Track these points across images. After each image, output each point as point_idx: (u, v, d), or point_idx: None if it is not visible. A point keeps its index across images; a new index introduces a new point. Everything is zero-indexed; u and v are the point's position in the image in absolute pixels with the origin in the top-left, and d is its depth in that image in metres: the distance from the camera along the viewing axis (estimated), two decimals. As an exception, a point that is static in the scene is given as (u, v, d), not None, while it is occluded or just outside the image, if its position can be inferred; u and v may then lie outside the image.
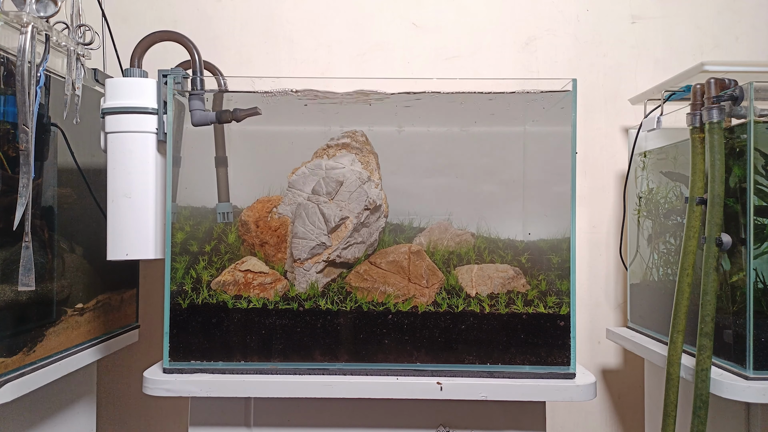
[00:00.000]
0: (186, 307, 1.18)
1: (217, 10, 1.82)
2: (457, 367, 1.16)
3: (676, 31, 1.82)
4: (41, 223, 1.24)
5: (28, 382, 1.13)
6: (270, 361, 1.17)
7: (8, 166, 1.12)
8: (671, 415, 1.23)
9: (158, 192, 1.19)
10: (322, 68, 1.82)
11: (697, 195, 1.21)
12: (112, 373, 1.81)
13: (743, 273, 1.16)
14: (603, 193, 1.82)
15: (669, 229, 1.48)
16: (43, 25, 1.12)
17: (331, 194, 1.28)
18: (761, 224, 1.18)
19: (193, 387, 1.13)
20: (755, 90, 1.14)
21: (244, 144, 1.46)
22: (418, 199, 1.52)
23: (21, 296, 1.15)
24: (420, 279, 1.23)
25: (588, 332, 1.81)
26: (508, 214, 1.52)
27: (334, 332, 1.17)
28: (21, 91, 1.05)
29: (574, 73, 1.80)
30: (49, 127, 1.25)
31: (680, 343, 1.23)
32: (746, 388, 1.11)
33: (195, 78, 1.24)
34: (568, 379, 1.15)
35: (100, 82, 1.41)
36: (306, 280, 1.23)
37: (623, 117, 1.81)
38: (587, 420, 1.82)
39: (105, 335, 1.45)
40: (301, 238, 1.24)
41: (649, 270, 1.58)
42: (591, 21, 1.82)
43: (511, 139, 1.51)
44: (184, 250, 1.29)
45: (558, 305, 1.19)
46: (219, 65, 1.41)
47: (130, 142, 1.17)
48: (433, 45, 1.82)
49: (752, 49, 1.81)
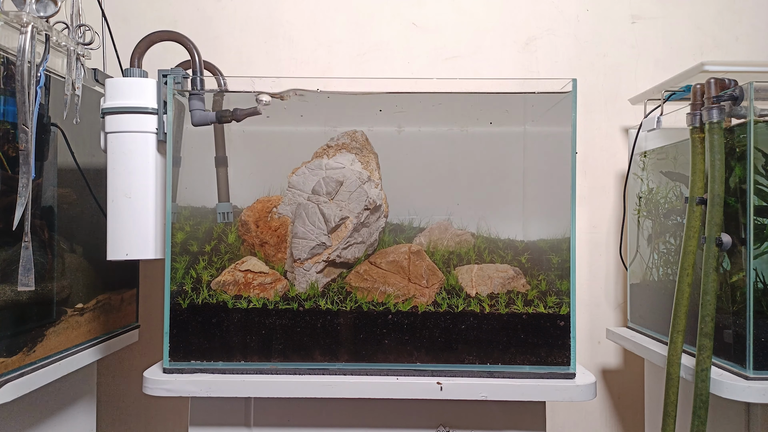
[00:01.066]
0: (186, 307, 1.18)
1: (217, 10, 1.82)
2: (457, 367, 1.16)
3: (676, 31, 1.82)
4: (41, 223, 1.24)
5: (28, 382, 1.13)
6: (270, 361, 1.17)
7: (8, 166, 1.12)
8: (671, 415, 1.23)
9: (158, 192, 1.19)
10: (322, 68, 1.82)
11: (697, 195, 1.21)
12: (112, 373, 1.81)
13: (743, 273, 1.16)
14: (603, 193, 1.82)
15: (669, 229, 1.48)
16: (43, 25, 1.12)
17: (331, 194, 1.28)
18: (761, 224, 1.18)
19: (193, 387, 1.13)
20: (755, 90, 1.14)
21: (244, 144, 1.46)
22: (418, 199, 1.52)
23: (21, 296, 1.15)
24: (420, 279, 1.23)
25: (588, 332, 1.81)
26: (508, 214, 1.52)
27: (334, 332, 1.17)
28: (21, 91, 1.05)
29: (574, 73, 1.80)
30: (49, 127, 1.25)
31: (680, 343, 1.23)
32: (746, 388, 1.11)
33: (195, 78, 1.24)
34: (568, 379, 1.15)
35: (100, 82, 1.41)
36: (306, 280, 1.23)
37: (623, 117, 1.81)
38: (587, 420, 1.82)
39: (105, 335, 1.45)
40: (301, 238, 1.24)
41: (649, 270, 1.58)
42: (591, 21, 1.82)
43: (511, 139, 1.51)
44: (184, 250, 1.29)
45: (558, 305, 1.19)
46: (219, 65, 1.41)
47: (130, 142, 1.17)
48: (433, 45, 1.82)
49: (752, 49, 1.81)
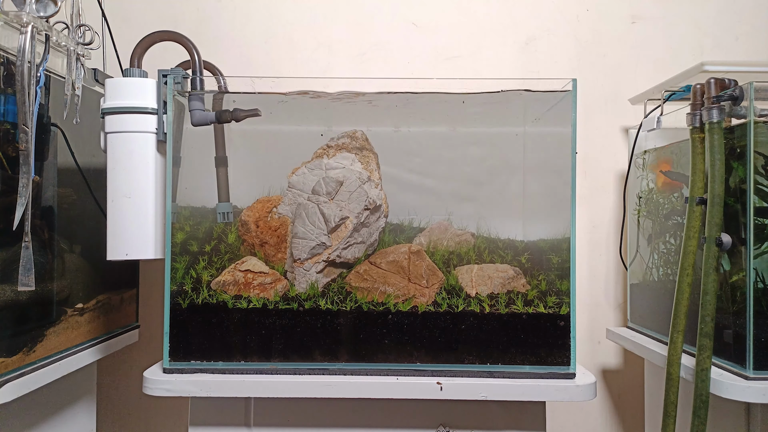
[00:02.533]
0: (186, 307, 1.18)
1: (217, 10, 1.82)
2: (457, 367, 1.16)
3: (676, 31, 1.82)
4: (41, 223, 1.24)
5: (28, 382, 1.13)
6: (270, 361, 1.17)
7: (8, 166, 1.12)
8: (671, 415, 1.23)
9: (158, 192, 1.19)
10: (322, 68, 1.82)
11: (697, 195, 1.21)
12: (112, 373, 1.81)
13: (743, 273, 1.16)
14: (603, 193, 1.82)
15: (669, 229, 1.48)
16: (43, 25, 1.12)
17: (331, 194, 1.28)
18: (761, 224, 1.18)
19: (193, 387, 1.13)
20: (755, 90, 1.14)
21: (244, 144, 1.46)
22: (418, 199, 1.52)
23: (21, 296, 1.15)
24: (420, 279, 1.23)
25: (588, 332, 1.81)
26: (508, 214, 1.51)
27: (334, 332, 1.17)
28: (21, 91, 1.05)
29: (574, 73, 1.80)
30: (49, 127, 1.25)
31: (680, 343, 1.23)
32: (746, 388, 1.11)
33: (195, 78, 1.24)
34: (568, 379, 1.15)
35: (100, 82, 1.41)
36: (306, 280, 1.23)
37: (623, 117, 1.81)
38: (587, 420, 1.82)
39: (105, 335, 1.45)
40: (301, 238, 1.24)
41: (649, 270, 1.58)
42: (591, 21, 1.82)
43: (511, 139, 1.51)
44: (184, 250, 1.29)
45: (558, 305, 1.19)
46: (219, 65, 1.41)
47: (130, 142, 1.17)
48: (433, 45, 1.82)
49: (752, 49, 1.81)
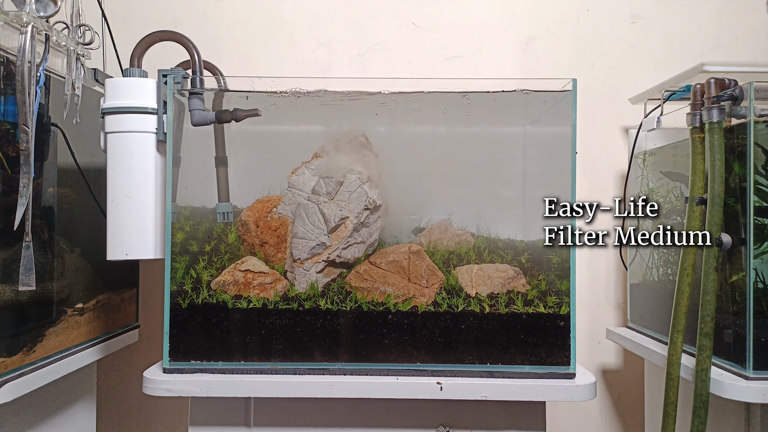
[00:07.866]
0: (186, 307, 1.18)
1: (218, 10, 1.82)
2: (457, 367, 1.16)
3: (676, 31, 1.82)
4: (41, 223, 1.24)
5: (28, 382, 1.13)
6: (270, 361, 1.17)
7: (8, 166, 1.12)
8: (671, 415, 1.23)
9: (158, 192, 1.19)
10: (322, 68, 1.82)
11: (697, 195, 1.21)
12: (112, 373, 1.81)
13: (743, 273, 1.16)
14: (603, 193, 1.81)
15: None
16: (43, 25, 1.12)
17: (331, 194, 1.28)
18: (761, 224, 1.18)
19: (193, 387, 1.13)
20: (755, 90, 1.14)
21: (244, 144, 1.46)
22: (418, 199, 1.52)
23: (21, 296, 1.15)
24: (420, 279, 1.23)
25: (588, 332, 1.81)
26: (508, 214, 1.51)
27: (334, 332, 1.17)
28: (21, 91, 1.05)
29: (574, 73, 1.79)
30: (49, 127, 1.25)
31: (680, 343, 1.23)
32: (746, 388, 1.11)
33: (195, 78, 1.24)
34: (568, 379, 1.15)
35: (100, 82, 1.41)
36: (306, 280, 1.23)
37: (623, 117, 1.81)
38: (587, 420, 1.82)
39: (105, 335, 1.45)
40: (301, 238, 1.24)
41: (649, 270, 1.58)
42: (591, 21, 1.82)
43: (511, 139, 1.51)
44: (184, 250, 1.29)
45: (558, 305, 1.19)
46: (219, 65, 1.41)
47: (130, 142, 1.17)
48: (433, 45, 1.82)
49: (752, 49, 1.81)
